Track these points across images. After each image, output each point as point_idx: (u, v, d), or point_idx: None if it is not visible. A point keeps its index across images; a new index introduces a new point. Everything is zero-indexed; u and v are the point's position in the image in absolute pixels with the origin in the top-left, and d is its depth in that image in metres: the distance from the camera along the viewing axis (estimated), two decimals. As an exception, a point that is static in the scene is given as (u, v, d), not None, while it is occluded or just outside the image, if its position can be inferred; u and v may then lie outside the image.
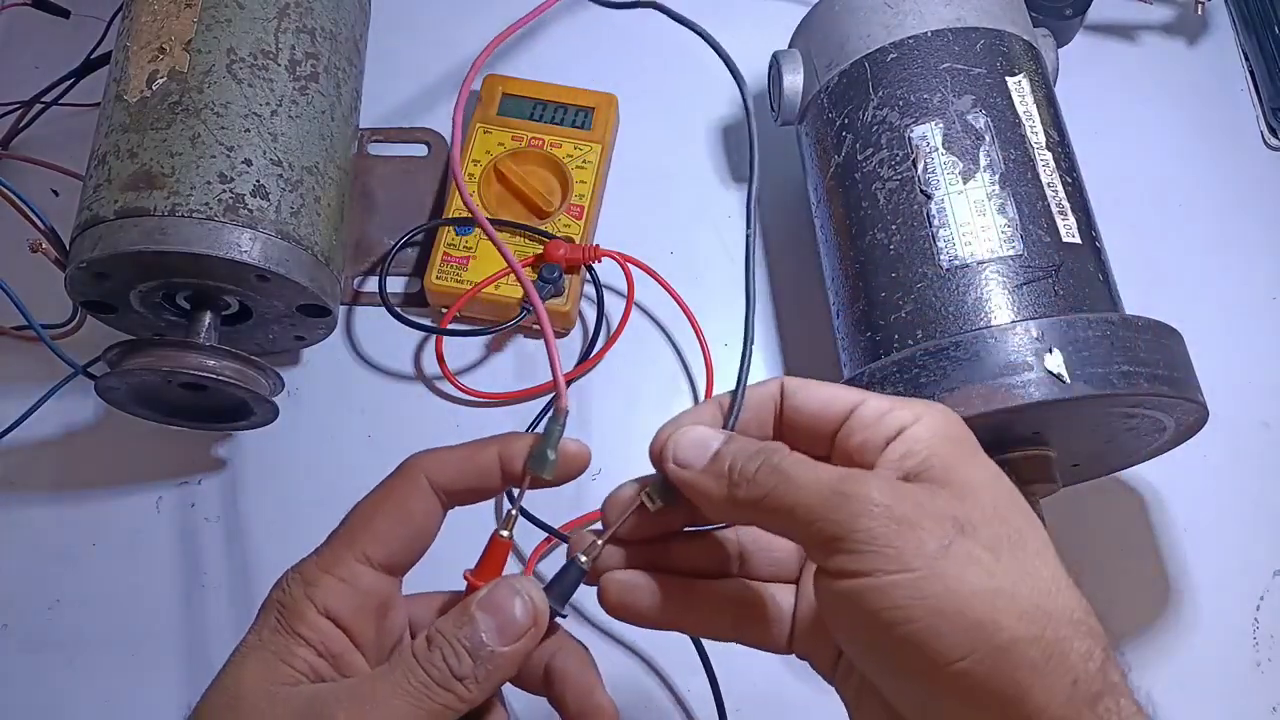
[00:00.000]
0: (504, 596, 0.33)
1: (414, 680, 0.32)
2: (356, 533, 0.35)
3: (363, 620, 0.34)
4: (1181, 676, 0.56)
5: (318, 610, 0.33)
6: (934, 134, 0.51)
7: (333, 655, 0.33)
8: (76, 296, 0.53)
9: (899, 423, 0.33)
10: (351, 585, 0.34)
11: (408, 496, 0.35)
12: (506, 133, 0.65)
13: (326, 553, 0.34)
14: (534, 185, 0.63)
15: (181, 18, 0.53)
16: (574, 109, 0.65)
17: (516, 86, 0.66)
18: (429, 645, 0.33)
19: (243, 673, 0.33)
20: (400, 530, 0.35)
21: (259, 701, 0.32)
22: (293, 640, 0.33)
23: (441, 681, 0.32)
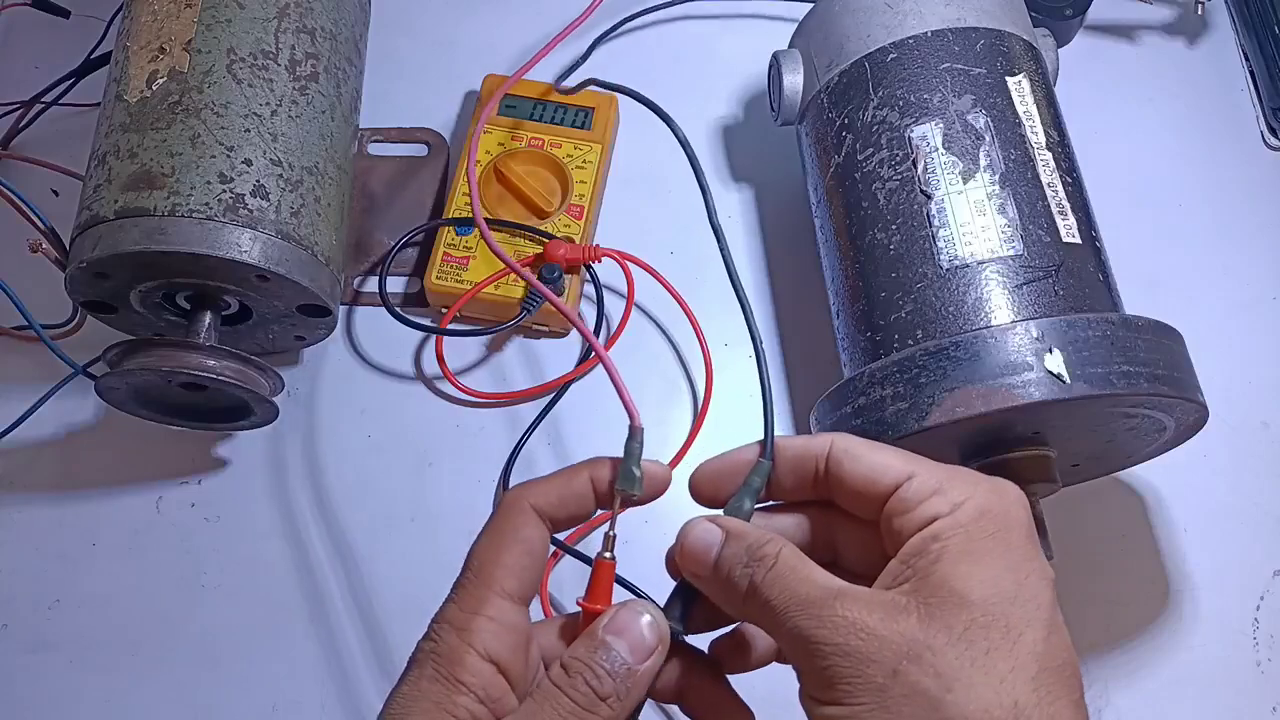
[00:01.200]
0: (629, 619, 0.34)
1: (562, 710, 0.33)
2: (489, 570, 0.35)
3: (518, 657, 0.34)
4: (1181, 676, 0.56)
5: (479, 655, 0.33)
6: (934, 134, 0.51)
7: (492, 700, 0.34)
8: (76, 296, 0.53)
9: (933, 512, 0.33)
10: (501, 623, 0.34)
11: (523, 527, 0.36)
12: (506, 132, 0.65)
13: (467, 596, 0.35)
14: (534, 185, 0.63)
15: (181, 18, 0.53)
16: (574, 109, 0.65)
17: (516, 86, 0.66)
18: (568, 673, 0.33)
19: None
20: (526, 561, 0.35)
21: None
22: (454, 689, 0.33)
23: (587, 705, 0.33)
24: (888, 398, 0.45)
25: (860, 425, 0.46)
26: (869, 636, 0.30)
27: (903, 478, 0.34)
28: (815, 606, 0.31)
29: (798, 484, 0.37)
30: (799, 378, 0.62)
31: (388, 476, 0.59)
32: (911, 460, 0.34)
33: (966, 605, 0.31)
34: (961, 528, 0.32)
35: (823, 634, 0.31)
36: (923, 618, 0.30)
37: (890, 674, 0.30)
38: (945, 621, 0.30)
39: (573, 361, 0.62)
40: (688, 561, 0.35)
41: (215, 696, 0.54)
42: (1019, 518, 0.33)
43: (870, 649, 0.30)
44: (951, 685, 0.29)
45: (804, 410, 0.61)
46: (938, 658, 0.30)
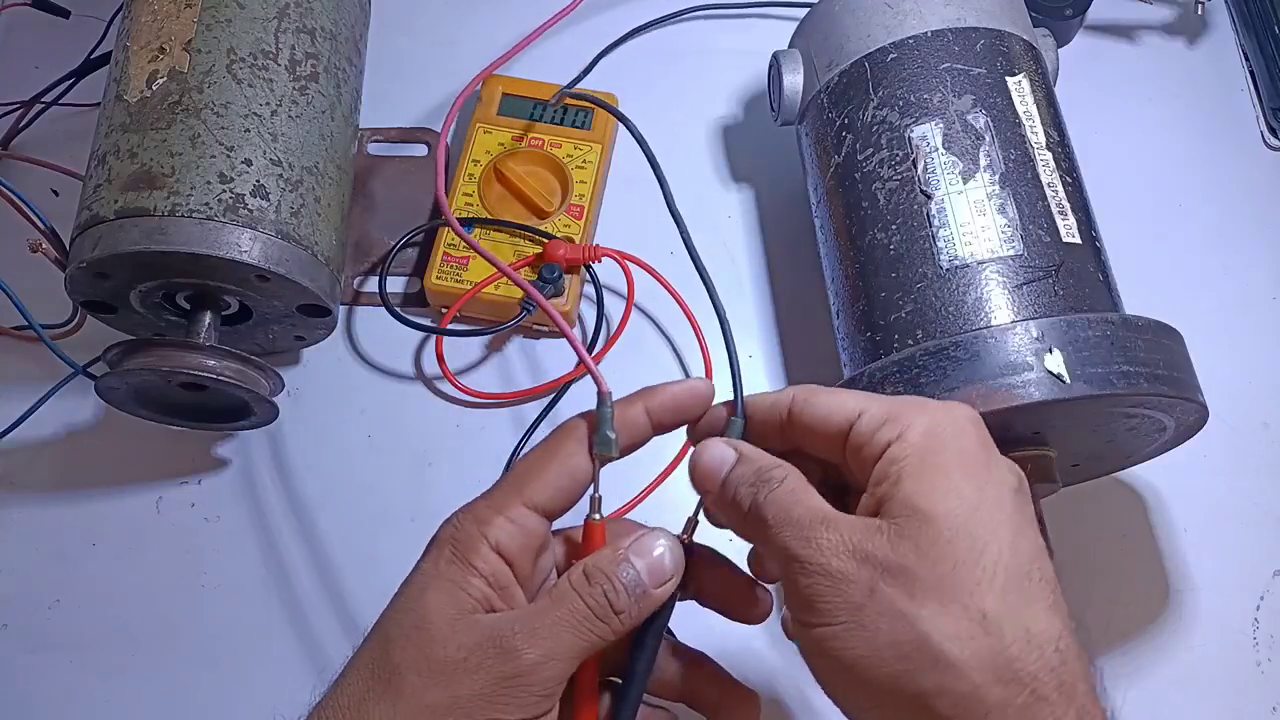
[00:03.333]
0: (653, 544, 0.37)
1: (578, 613, 0.35)
2: (524, 480, 0.38)
3: (525, 558, 0.37)
4: (1181, 676, 0.56)
5: (490, 546, 0.36)
6: (934, 134, 0.51)
7: (500, 587, 0.36)
8: (76, 296, 0.53)
9: (886, 439, 0.35)
10: (518, 525, 0.37)
11: (570, 453, 0.38)
12: (507, 132, 0.65)
13: (497, 496, 0.38)
14: (534, 185, 0.63)
15: (181, 18, 0.53)
16: (574, 109, 0.65)
17: (516, 86, 0.66)
18: (589, 580, 0.36)
19: (426, 599, 0.36)
20: (563, 481, 0.38)
21: (444, 625, 0.35)
22: (468, 571, 0.36)
23: (600, 614, 0.36)
24: (888, 398, 0.45)
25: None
26: (848, 557, 0.32)
27: (854, 414, 0.36)
28: (803, 528, 0.34)
29: (768, 436, 0.39)
30: (799, 378, 0.62)
31: (388, 476, 0.59)
32: (864, 398, 0.36)
33: (931, 521, 0.32)
34: (913, 448, 0.34)
35: (807, 553, 0.33)
36: (892, 538, 0.32)
37: (867, 593, 0.32)
38: (914, 540, 0.32)
39: (573, 361, 0.62)
40: (699, 477, 0.38)
41: (215, 697, 0.54)
42: (969, 431, 0.35)
43: (848, 569, 0.32)
44: (924, 602, 0.31)
45: (804, 410, 0.61)
46: (909, 576, 0.31)
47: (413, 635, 0.35)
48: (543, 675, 0.34)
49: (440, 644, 0.35)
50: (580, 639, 0.35)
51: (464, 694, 0.34)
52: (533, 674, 0.34)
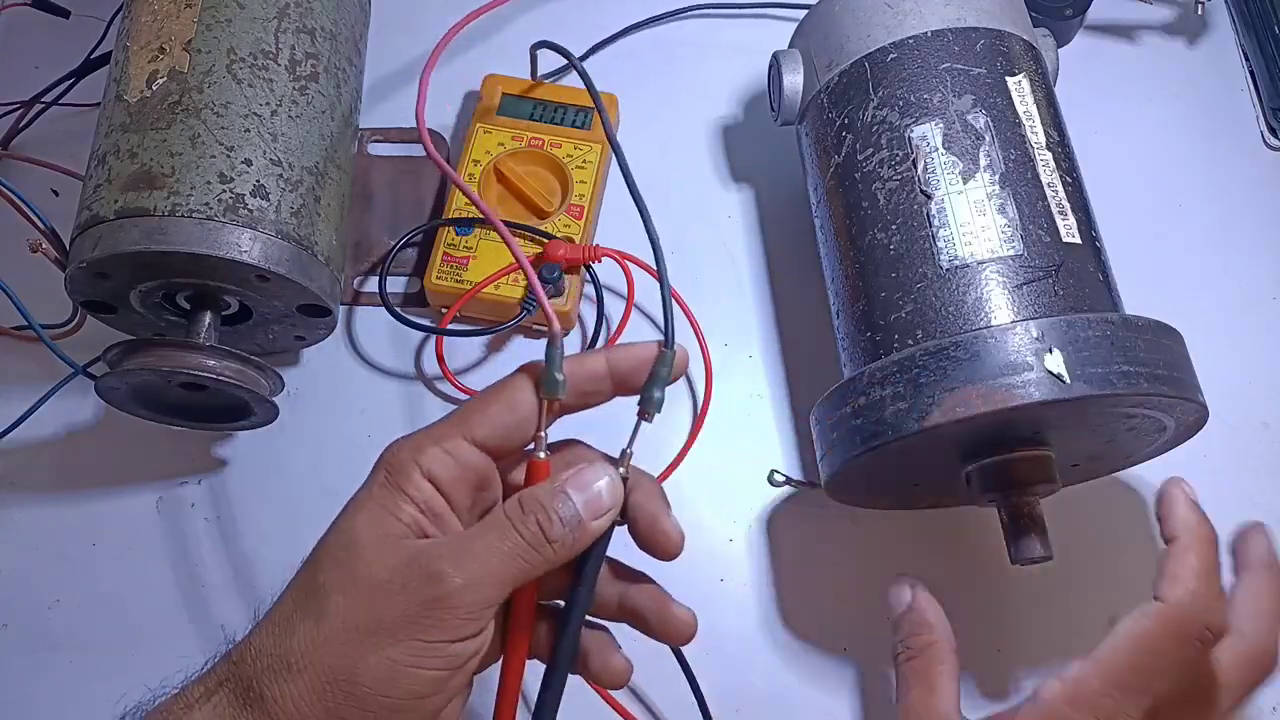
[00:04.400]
0: (592, 478, 0.38)
1: (508, 540, 0.36)
2: (466, 415, 0.39)
3: (460, 490, 0.38)
4: (1181, 676, 0.56)
5: (422, 473, 0.37)
6: (934, 134, 0.51)
7: (433, 514, 0.37)
8: (76, 296, 0.53)
9: None
10: (454, 457, 0.38)
11: (515, 390, 0.39)
12: (506, 132, 0.65)
13: (437, 428, 0.38)
14: (534, 185, 0.63)
15: (181, 18, 0.53)
16: (574, 109, 0.65)
17: (516, 86, 0.66)
18: (522, 509, 0.37)
19: (356, 522, 0.37)
20: (505, 417, 0.39)
21: (371, 546, 0.36)
22: (399, 496, 0.37)
23: (533, 543, 0.36)
24: (888, 398, 0.45)
25: (860, 425, 0.46)
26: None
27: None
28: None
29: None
30: (799, 377, 0.62)
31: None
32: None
33: None
34: None
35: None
36: None
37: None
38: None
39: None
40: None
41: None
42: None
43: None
44: None
45: (804, 410, 0.61)
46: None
47: (340, 556, 0.36)
48: (468, 599, 0.35)
49: (366, 564, 0.35)
50: (510, 566, 0.36)
51: (388, 615, 0.34)
52: (458, 597, 0.35)
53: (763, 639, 0.56)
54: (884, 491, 0.55)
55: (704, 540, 0.58)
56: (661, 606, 0.41)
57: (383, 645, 0.34)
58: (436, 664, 0.35)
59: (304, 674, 0.34)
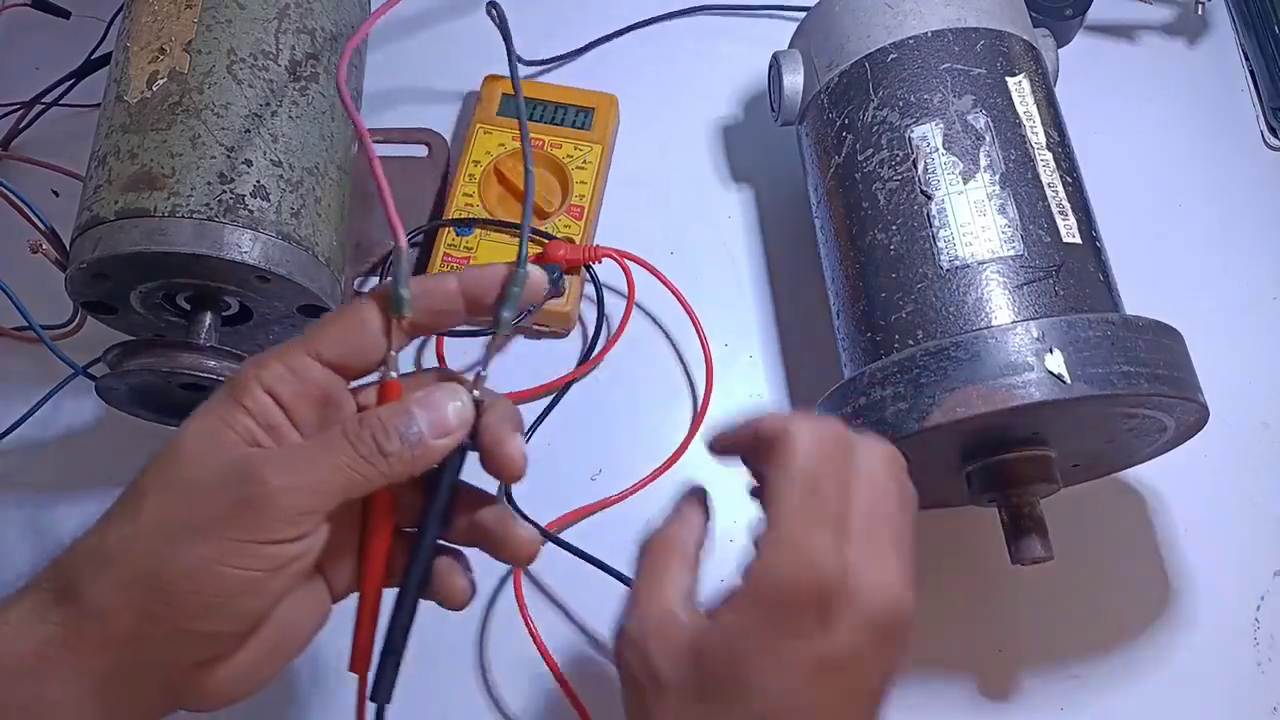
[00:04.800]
0: (441, 399, 0.38)
1: (341, 451, 0.36)
2: (313, 332, 0.38)
3: (303, 405, 0.37)
4: (1182, 677, 0.56)
5: (261, 386, 0.36)
6: (934, 134, 0.51)
7: (270, 426, 0.36)
8: (77, 297, 0.53)
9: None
10: (296, 373, 0.37)
11: (361, 308, 0.38)
12: (506, 133, 0.65)
13: (284, 345, 0.38)
14: (534, 186, 0.63)
15: (182, 18, 0.53)
16: (574, 109, 0.65)
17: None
18: (360, 425, 0.36)
19: (187, 430, 0.36)
20: (350, 337, 0.38)
21: (193, 450, 0.36)
22: (236, 408, 0.36)
23: (367, 455, 0.36)
24: (888, 398, 0.45)
25: (860, 425, 0.46)
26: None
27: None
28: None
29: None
30: (799, 378, 0.62)
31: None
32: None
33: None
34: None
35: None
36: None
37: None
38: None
39: (573, 362, 0.62)
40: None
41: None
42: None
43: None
44: None
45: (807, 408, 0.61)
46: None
47: (161, 460, 0.36)
48: (284, 502, 0.34)
49: (185, 466, 0.35)
50: (339, 475, 0.35)
51: (201, 513, 0.34)
52: (274, 499, 0.34)
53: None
54: (884, 492, 0.55)
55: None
56: (503, 525, 0.41)
57: (193, 542, 0.34)
58: (247, 564, 0.34)
59: (116, 568, 0.35)
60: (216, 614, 0.35)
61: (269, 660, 0.38)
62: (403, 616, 0.39)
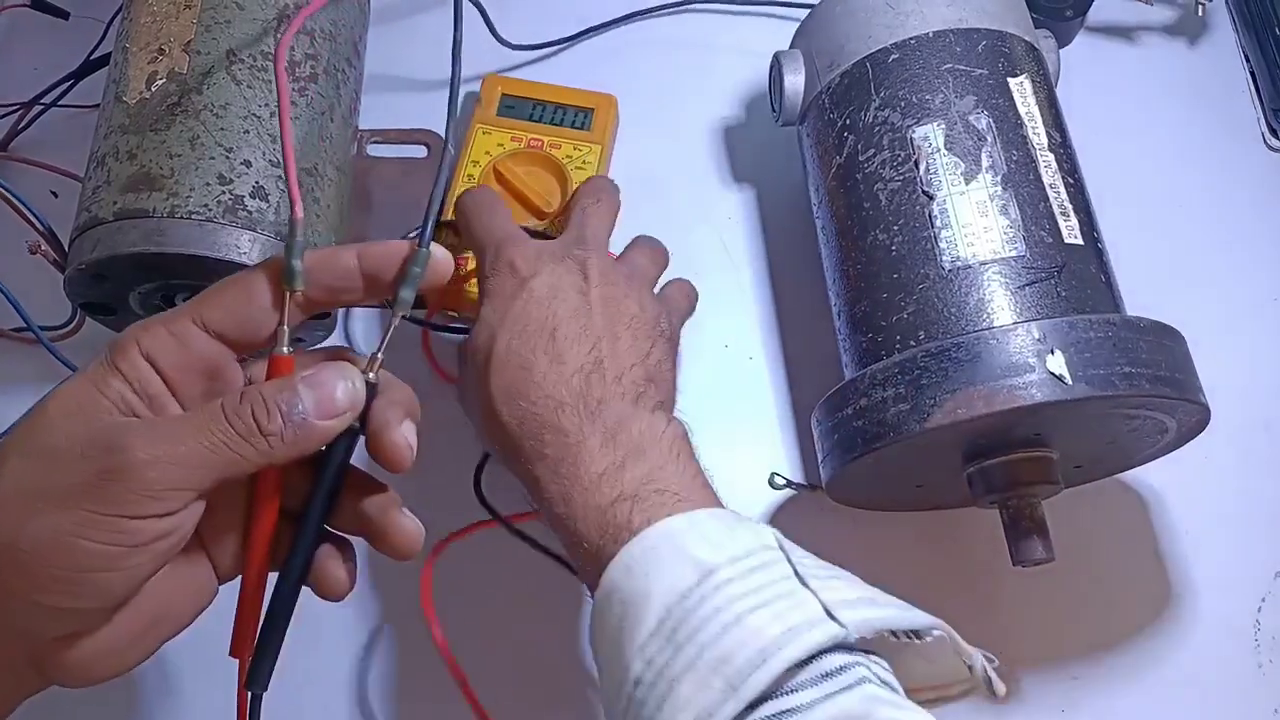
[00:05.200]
0: (330, 378, 0.36)
1: (217, 427, 0.34)
2: (201, 300, 0.37)
3: (187, 376, 0.36)
4: (1182, 678, 0.56)
5: (140, 352, 0.35)
6: (936, 135, 0.51)
7: (148, 395, 0.35)
8: (75, 298, 0.53)
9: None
10: (181, 341, 0.36)
11: (253, 279, 0.37)
12: (506, 134, 0.64)
13: (171, 312, 0.37)
14: (533, 186, 0.62)
15: (181, 19, 0.53)
16: (573, 110, 0.65)
17: (515, 87, 0.66)
18: (240, 400, 0.35)
19: (56, 393, 0.35)
20: (239, 307, 0.37)
21: (58, 415, 0.34)
22: (111, 373, 0.35)
23: (244, 433, 0.34)
24: (889, 399, 0.45)
25: (862, 426, 0.46)
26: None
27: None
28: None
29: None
30: (799, 379, 0.62)
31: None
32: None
33: None
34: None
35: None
36: None
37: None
38: None
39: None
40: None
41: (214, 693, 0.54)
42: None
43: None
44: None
45: (805, 412, 0.61)
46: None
47: (27, 423, 0.34)
48: (149, 476, 0.33)
49: (49, 432, 0.34)
50: (213, 452, 0.34)
51: (60, 482, 0.33)
52: (138, 472, 0.32)
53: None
54: (885, 493, 0.55)
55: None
56: (385, 515, 0.39)
57: (49, 511, 0.32)
58: (106, 538, 0.33)
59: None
60: (72, 588, 0.33)
61: (140, 639, 0.37)
62: (281, 604, 0.38)
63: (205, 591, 0.39)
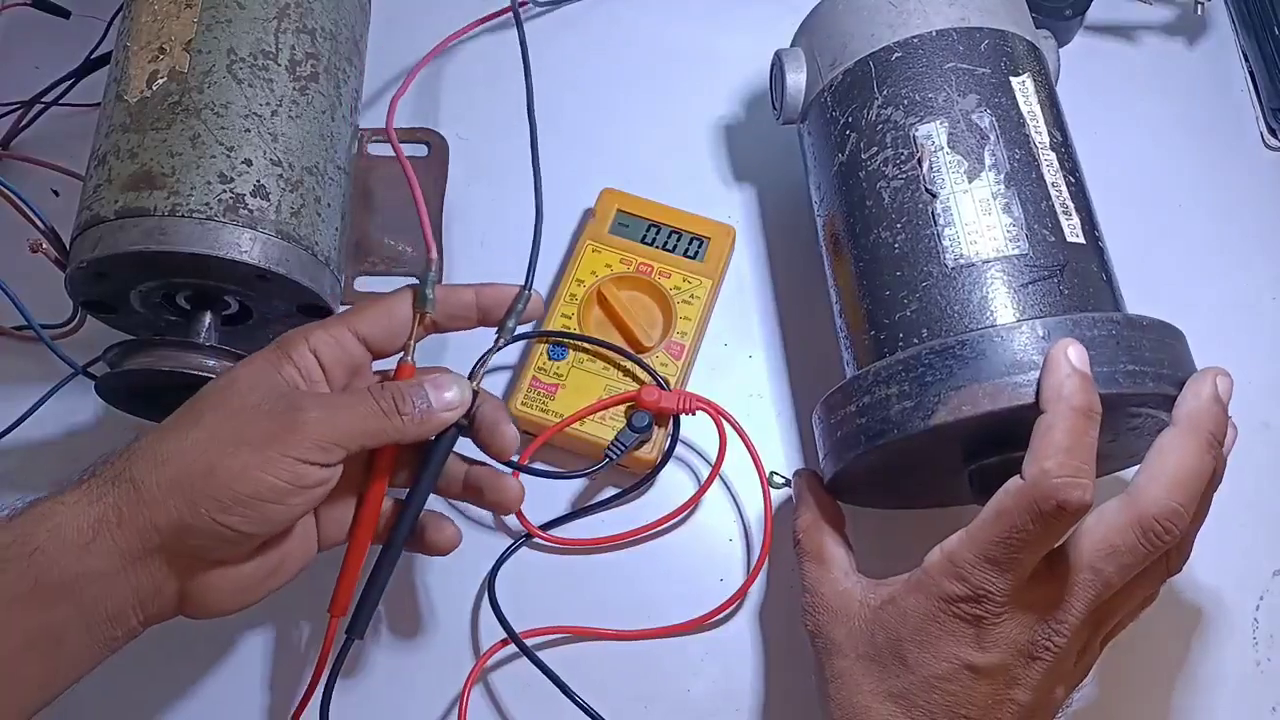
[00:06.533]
0: (448, 381, 0.47)
1: (367, 404, 0.44)
2: (352, 313, 0.48)
3: (337, 369, 0.46)
4: (1181, 676, 0.56)
5: (308, 347, 0.45)
6: (939, 133, 0.51)
7: (310, 380, 0.45)
8: (76, 296, 0.53)
9: None
10: (337, 341, 0.46)
11: (395, 302, 0.48)
12: (615, 254, 0.61)
13: (328, 320, 0.47)
14: (635, 315, 0.60)
15: (181, 18, 0.53)
16: (688, 236, 0.62)
17: (632, 205, 0.63)
18: (382, 387, 0.45)
19: (239, 368, 0.45)
20: (384, 320, 0.48)
21: (245, 382, 0.43)
22: (284, 359, 0.45)
23: (387, 411, 0.44)
24: (893, 396, 0.45)
25: (865, 424, 0.46)
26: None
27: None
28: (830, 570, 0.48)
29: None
30: (800, 378, 0.62)
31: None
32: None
33: None
34: None
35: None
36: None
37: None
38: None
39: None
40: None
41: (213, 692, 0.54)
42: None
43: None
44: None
45: (805, 410, 0.61)
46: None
47: (218, 386, 0.44)
48: (318, 430, 0.42)
49: (239, 394, 0.43)
50: (362, 422, 0.44)
51: (249, 430, 0.42)
52: (310, 426, 0.42)
53: (762, 639, 0.56)
54: (886, 491, 0.55)
55: (704, 540, 0.58)
56: (494, 478, 0.50)
57: (240, 451, 0.41)
58: (282, 475, 0.41)
59: (170, 466, 0.41)
60: (249, 513, 0.41)
61: (262, 582, 0.45)
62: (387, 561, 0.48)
63: (310, 554, 0.48)
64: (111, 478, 0.42)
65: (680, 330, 0.60)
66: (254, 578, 0.45)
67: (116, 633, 0.43)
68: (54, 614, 0.40)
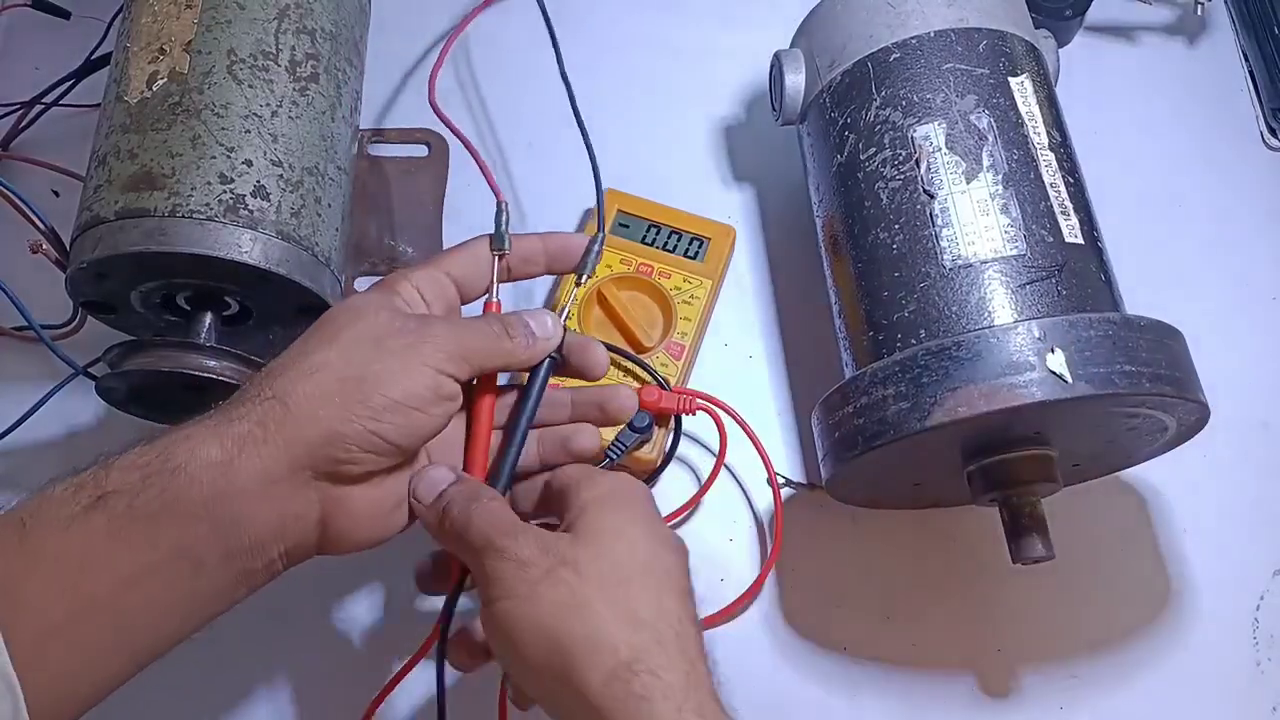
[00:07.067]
0: (541, 314, 0.49)
1: (484, 324, 0.47)
2: (441, 256, 0.50)
3: (436, 305, 0.48)
4: (1181, 676, 0.56)
5: (411, 284, 0.47)
6: (937, 134, 0.51)
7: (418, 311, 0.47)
8: (77, 297, 0.53)
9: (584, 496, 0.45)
10: (435, 280, 0.48)
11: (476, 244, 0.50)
12: (616, 254, 0.62)
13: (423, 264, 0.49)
14: (635, 315, 0.60)
15: (181, 19, 0.53)
16: (689, 237, 0.62)
17: (633, 205, 0.63)
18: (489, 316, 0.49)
19: (356, 298, 0.46)
20: (468, 261, 0.50)
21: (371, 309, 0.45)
22: (392, 294, 0.47)
23: (498, 333, 0.47)
24: (890, 397, 0.45)
25: (862, 425, 0.46)
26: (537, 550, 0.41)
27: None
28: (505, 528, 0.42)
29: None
30: (799, 378, 0.62)
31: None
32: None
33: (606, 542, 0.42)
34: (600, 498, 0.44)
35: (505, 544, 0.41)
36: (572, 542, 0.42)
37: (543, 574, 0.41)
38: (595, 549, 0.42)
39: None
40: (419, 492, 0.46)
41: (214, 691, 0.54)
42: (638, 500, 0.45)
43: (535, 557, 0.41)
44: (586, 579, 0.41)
45: (804, 410, 0.61)
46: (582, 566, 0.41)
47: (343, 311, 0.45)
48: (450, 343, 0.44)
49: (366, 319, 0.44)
50: (483, 341, 0.46)
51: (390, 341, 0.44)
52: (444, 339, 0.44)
53: (763, 638, 0.56)
54: (885, 491, 0.55)
55: (704, 540, 0.58)
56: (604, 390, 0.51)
57: (383, 357, 0.43)
58: (424, 380, 0.43)
59: (320, 375, 0.42)
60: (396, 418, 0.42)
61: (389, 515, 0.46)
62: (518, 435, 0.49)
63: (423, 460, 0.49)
64: (253, 397, 0.42)
65: (680, 330, 0.60)
66: (386, 505, 0.45)
67: (256, 564, 0.42)
68: (194, 533, 0.40)
